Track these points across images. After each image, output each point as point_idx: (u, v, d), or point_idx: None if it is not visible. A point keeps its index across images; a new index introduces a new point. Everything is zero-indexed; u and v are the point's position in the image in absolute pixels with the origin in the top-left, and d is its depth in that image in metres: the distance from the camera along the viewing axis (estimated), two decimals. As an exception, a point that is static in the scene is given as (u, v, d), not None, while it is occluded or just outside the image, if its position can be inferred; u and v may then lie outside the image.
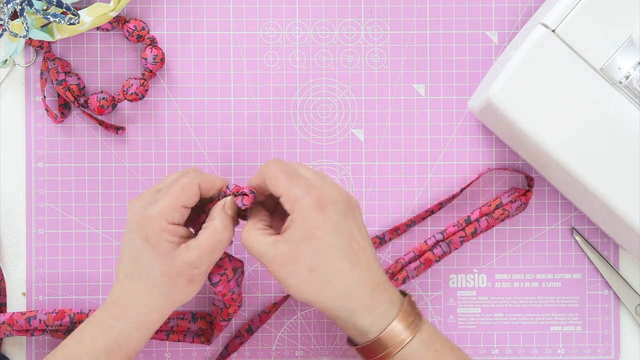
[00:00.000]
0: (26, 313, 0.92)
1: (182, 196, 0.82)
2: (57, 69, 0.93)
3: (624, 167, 0.86)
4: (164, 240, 0.81)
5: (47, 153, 0.95)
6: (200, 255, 0.82)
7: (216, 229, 0.82)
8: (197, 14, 0.95)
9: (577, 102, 0.87)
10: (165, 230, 0.81)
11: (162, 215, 0.81)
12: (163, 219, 0.81)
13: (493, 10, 0.95)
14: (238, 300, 0.89)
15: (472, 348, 0.95)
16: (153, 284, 0.82)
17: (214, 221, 0.82)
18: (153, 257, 0.81)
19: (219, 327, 0.91)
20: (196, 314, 0.93)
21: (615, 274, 0.95)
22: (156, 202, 0.82)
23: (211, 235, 0.82)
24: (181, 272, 0.82)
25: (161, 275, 0.82)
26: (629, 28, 0.86)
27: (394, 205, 0.95)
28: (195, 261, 0.82)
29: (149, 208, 0.82)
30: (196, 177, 0.82)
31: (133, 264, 0.82)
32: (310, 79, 0.95)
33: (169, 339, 0.93)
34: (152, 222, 0.81)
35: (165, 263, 0.81)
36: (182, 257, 0.81)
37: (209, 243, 0.82)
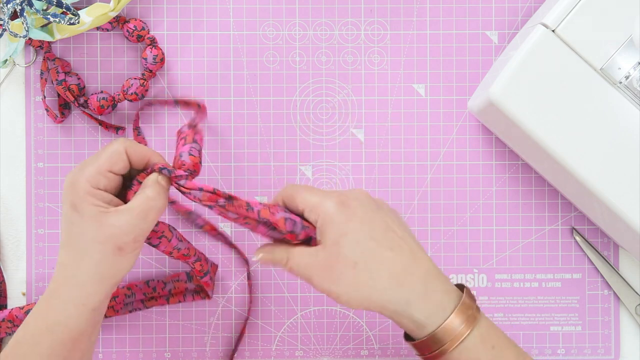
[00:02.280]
0: (24, 307, 0.92)
1: (108, 161, 0.80)
2: (57, 69, 0.93)
3: (624, 167, 0.86)
4: (89, 204, 0.79)
5: (47, 153, 0.95)
6: (130, 220, 0.79)
7: (148, 196, 0.80)
8: (197, 14, 0.95)
9: (577, 102, 0.87)
10: (89, 193, 0.79)
11: (87, 179, 0.79)
12: (87, 184, 0.79)
13: (493, 10, 0.95)
14: (192, 254, 0.89)
15: (472, 348, 0.96)
16: (83, 252, 0.79)
17: (147, 189, 0.80)
18: (81, 223, 0.79)
19: (205, 283, 0.91)
20: (190, 272, 0.93)
21: (615, 274, 0.95)
22: (81, 167, 0.80)
23: (143, 201, 0.80)
24: (110, 237, 0.79)
25: (90, 242, 0.79)
26: (629, 28, 0.86)
27: (394, 205, 0.95)
28: (125, 226, 0.79)
29: (75, 174, 0.80)
30: (124, 144, 0.80)
31: (66, 232, 0.80)
32: (310, 79, 0.95)
33: (169, 303, 0.93)
34: (77, 187, 0.79)
35: (94, 228, 0.79)
36: (111, 221, 0.79)
37: (140, 208, 0.79)
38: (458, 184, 0.95)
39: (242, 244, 0.95)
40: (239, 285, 0.95)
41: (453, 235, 0.95)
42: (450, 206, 0.95)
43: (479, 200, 0.95)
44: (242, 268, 0.95)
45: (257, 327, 0.95)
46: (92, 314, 0.80)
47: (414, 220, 0.95)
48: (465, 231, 0.95)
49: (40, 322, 0.80)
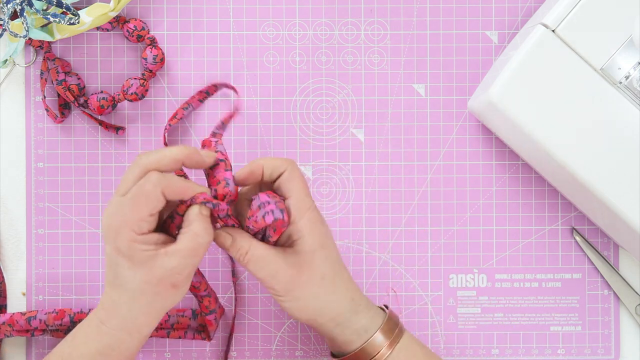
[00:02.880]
0: (26, 313, 0.92)
1: (147, 207, 0.79)
2: (57, 69, 0.93)
3: (624, 167, 0.86)
4: (137, 250, 0.79)
5: (47, 153, 0.95)
6: (181, 260, 0.80)
7: (196, 233, 0.80)
8: (197, 14, 0.95)
9: (577, 102, 0.87)
10: (134, 241, 0.79)
11: (130, 228, 0.79)
12: (130, 231, 0.79)
13: (493, 10, 0.95)
14: (203, 288, 0.89)
15: (472, 348, 0.95)
16: (135, 292, 0.80)
17: (193, 225, 0.80)
18: (131, 268, 0.80)
19: (208, 322, 0.91)
20: (196, 311, 0.93)
21: (615, 274, 0.95)
22: (121, 213, 0.79)
23: (191, 239, 0.80)
24: (163, 278, 0.80)
25: (143, 284, 0.80)
26: (629, 28, 0.86)
27: (394, 205, 0.95)
28: (177, 267, 0.80)
29: (114, 218, 0.79)
30: (159, 184, 0.79)
31: (113, 273, 0.81)
32: (310, 79, 0.95)
33: (169, 337, 0.93)
34: (121, 235, 0.79)
35: (145, 272, 0.79)
36: (162, 264, 0.79)
37: (189, 248, 0.80)
38: (458, 184, 0.95)
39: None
40: (238, 285, 0.95)
41: (453, 235, 0.95)
42: (450, 206, 0.95)
43: (479, 200, 0.95)
44: (242, 268, 0.95)
45: (257, 327, 0.95)
46: (142, 340, 0.83)
47: (414, 220, 0.95)
48: (465, 231, 0.95)
49: (92, 345, 0.82)
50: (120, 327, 0.82)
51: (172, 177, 0.80)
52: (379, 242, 0.95)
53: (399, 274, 0.96)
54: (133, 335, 0.82)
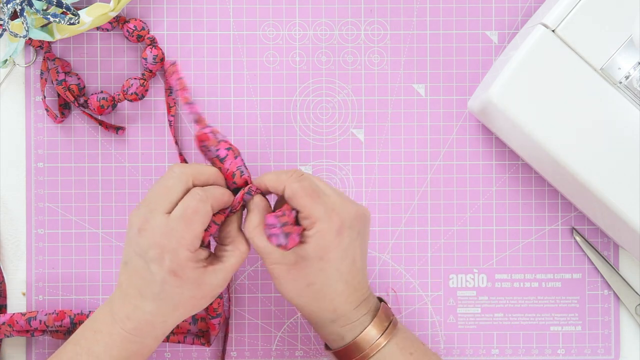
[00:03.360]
0: (26, 314, 0.92)
1: (199, 223, 0.81)
2: (57, 69, 0.93)
3: (624, 167, 0.86)
4: (190, 269, 0.81)
5: (47, 153, 0.95)
6: (226, 276, 0.83)
7: (242, 252, 0.84)
8: (197, 14, 0.95)
9: (577, 102, 0.87)
10: (189, 260, 0.81)
11: (184, 246, 0.80)
12: (186, 251, 0.80)
13: (493, 10, 0.95)
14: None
15: (472, 348, 0.95)
16: (177, 305, 0.82)
17: (237, 243, 0.84)
18: (181, 285, 0.81)
19: (211, 325, 0.91)
20: (196, 315, 0.93)
21: (615, 274, 0.95)
22: (173, 233, 0.80)
23: (239, 258, 0.84)
24: (208, 293, 0.83)
25: (188, 298, 0.82)
26: (629, 28, 0.86)
27: (394, 205, 0.95)
28: (222, 282, 0.83)
29: (167, 239, 0.80)
30: (207, 199, 0.81)
31: (153, 288, 0.81)
32: (310, 79, 0.95)
33: (169, 341, 0.93)
34: (177, 255, 0.80)
35: (194, 288, 0.82)
36: (210, 282, 0.82)
37: (235, 266, 0.83)
38: (458, 184, 0.95)
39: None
40: (238, 285, 0.95)
41: (453, 235, 0.95)
42: (450, 206, 0.95)
43: (479, 200, 0.95)
44: (242, 268, 0.95)
45: (257, 327, 0.95)
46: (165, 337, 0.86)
47: (414, 220, 0.95)
48: (465, 231, 0.95)
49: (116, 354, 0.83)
50: (149, 336, 0.83)
51: (212, 188, 0.83)
52: (379, 242, 0.95)
53: (399, 274, 0.96)
54: (159, 338, 0.84)
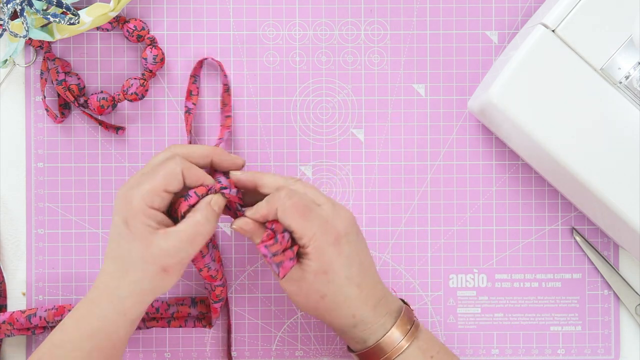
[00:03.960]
0: (26, 311, 0.92)
1: (164, 181, 0.81)
2: (57, 69, 0.93)
3: (624, 167, 0.86)
4: (141, 222, 0.81)
5: (47, 153, 0.95)
6: (177, 244, 0.81)
7: (198, 221, 0.82)
8: (197, 14, 0.95)
9: (577, 102, 0.87)
10: (143, 212, 0.81)
11: (142, 197, 0.81)
12: (142, 202, 0.81)
13: (493, 10, 0.95)
14: (219, 278, 0.90)
15: (472, 348, 0.95)
16: (128, 267, 0.81)
17: (197, 213, 0.82)
18: (131, 240, 0.81)
19: (214, 309, 0.91)
20: (195, 299, 0.93)
21: (615, 274, 0.95)
22: (137, 184, 0.82)
23: (192, 225, 0.82)
24: (156, 258, 0.81)
25: (138, 259, 0.81)
26: (629, 28, 0.86)
27: (394, 205, 0.95)
28: (172, 249, 0.81)
29: (130, 190, 0.82)
30: (180, 165, 0.82)
31: (115, 245, 0.82)
32: (310, 79, 0.95)
33: (170, 326, 0.93)
34: (132, 204, 0.81)
35: (142, 246, 0.81)
36: (159, 243, 0.81)
37: (188, 232, 0.81)
38: (458, 184, 0.95)
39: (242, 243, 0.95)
40: (238, 285, 0.95)
41: (453, 235, 0.95)
42: (450, 206, 0.95)
43: (479, 200, 0.95)
44: (242, 268, 0.95)
45: (257, 327, 0.95)
46: (130, 325, 0.83)
47: (414, 220, 0.95)
48: (465, 231, 0.95)
49: (82, 327, 0.82)
50: (109, 308, 0.82)
51: (195, 167, 0.83)
52: (379, 242, 0.95)
53: (399, 274, 0.96)
54: (121, 318, 0.82)
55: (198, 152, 0.84)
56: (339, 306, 0.84)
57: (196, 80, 0.93)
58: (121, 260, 0.82)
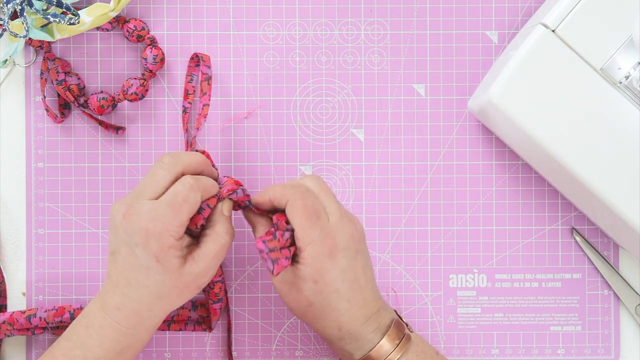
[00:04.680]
0: (26, 311, 0.92)
1: (187, 211, 0.81)
2: (57, 69, 0.93)
3: (624, 167, 0.86)
4: (173, 257, 0.81)
5: (47, 153, 0.95)
6: (207, 264, 0.82)
7: (219, 235, 0.83)
8: (197, 14, 0.95)
9: (577, 102, 0.87)
10: (172, 247, 0.81)
11: (169, 232, 0.80)
12: (170, 237, 0.80)
13: (493, 10, 0.95)
14: (218, 273, 0.90)
15: (472, 348, 0.95)
16: (160, 294, 0.82)
17: (216, 228, 0.83)
18: (163, 273, 0.81)
19: (213, 310, 0.92)
20: (196, 302, 0.93)
21: (615, 274, 0.95)
22: (160, 218, 0.80)
23: (216, 243, 0.82)
24: (190, 283, 0.82)
25: (171, 288, 0.82)
26: (629, 28, 0.86)
27: (394, 205, 0.95)
28: (204, 271, 0.82)
29: (153, 223, 0.80)
30: (198, 188, 0.81)
31: (139, 275, 0.82)
32: (310, 79, 0.95)
33: (170, 329, 0.93)
34: (161, 240, 0.80)
35: (175, 277, 0.81)
36: (191, 270, 0.82)
37: (215, 251, 0.82)
38: (458, 184, 0.95)
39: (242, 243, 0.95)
40: (239, 285, 0.95)
41: (453, 235, 0.95)
42: (450, 206, 0.95)
43: (479, 200, 0.95)
44: (242, 268, 0.95)
45: (257, 327, 0.95)
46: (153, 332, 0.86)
47: (414, 221, 0.95)
48: (465, 231, 0.95)
49: (109, 347, 0.83)
50: (139, 326, 0.83)
51: (203, 178, 0.83)
52: (379, 242, 0.95)
53: (399, 274, 0.96)
54: (149, 331, 0.84)
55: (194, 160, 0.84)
56: (325, 317, 0.84)
57: (192, 79, 0.93)
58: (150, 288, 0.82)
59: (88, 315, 0.84)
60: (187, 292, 0.83)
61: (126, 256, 0.82)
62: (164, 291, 0.82)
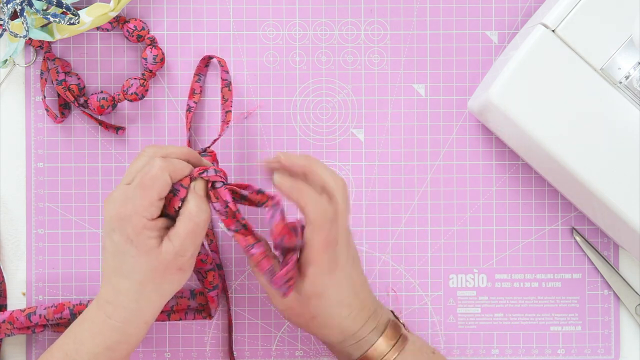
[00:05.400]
0: (26, 310, 0.92)
1: (156, 190, 0.81)
2: (57, 69, 0.93)
3: (624, 167, 0.86)
4: (147, 237, 0.81)
5: (47, 153, 0.95)
6: (182, 243, 0.81)
7: (192, 213, 0.82)
8: (197, 14, 0.95)
9: (577, 102, 0.87)
10: (145, 227, 0.81)
11: (140, 213, 0.80)
12: (142, 217, 0.81)
13: (493, 10, 0.95)
14: (209, 261, 0.90)
15: (472, 348, 0.95)
16: (143, 281, 0.82)
17: (188, 205, 0.82)
18: (139, 255, 0.81)
19: (210, 299, 0.91)
20: (194, 290, 0.93)
21: (615, 274, 0.95)
22: (130, 199, 0.81)
23: (188, 220, 0.82)
24: (169, 264, 0.82)
25: (150, 272, 0.81)
26: (629, 28, 0.86)
27: (394, 205, 0.95)
28: (180, 250, 0.81)
29: (125, 206, 0.81)
30: (166, 168, 0.81)
31: (119, 263, 0.82)
32: (310, 79, 0.95)
33: (170, 319, 0.93)
34: (132, 222, 0.80)
35: (152, 259, 0.81)
36: (166, 250, 0.81)
37: (188, 229, 0.82)
38: (458, 184, 0.95)
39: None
40: (238, 285, 0.95)
41: (453, 235, 0.95)
42: (450, 206, 0.95)
43: (479, 200, 0.95)
44: (242, 268, 0.95)
45: (257, 327, 0.95)
46: (148, 328, 0.85)
47: (414, 220, 0.95)
48: (465, 231, 0.95)
49: (99, 341, 0.83)
50: (127, 320, 0.83)
51: (174, 160, 0.82)
52: (379, 242, 0.95)
53: (399, 274, 0.96)
54: (139, 327, 0.84)
55: (176, 152, 0.84)
56: (328, 325, 0.84)
57: (200, 79, 0.93)
58: (133, 276, 0.82)
59: (85, 311, 0.85)
60: (170, 274, 0.82)
61: (108, 246, 0.82)
62: (145, 276, 0.81)
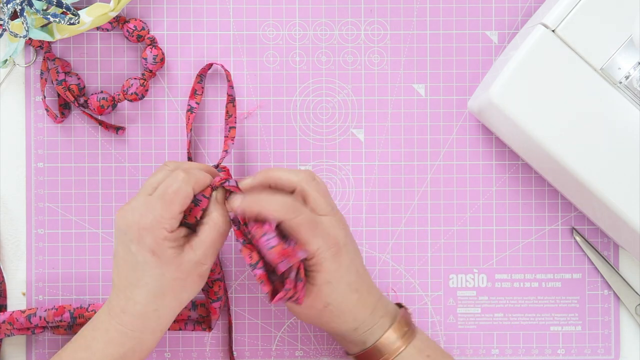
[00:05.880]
0: (26, 311, 0.92)
1: (179, 203, 0.82)
2: (57, 69, 0.93)
3: (624, 167, 0.86)
4: (168, 248, 0.82)
5: (47, 153, 0.95)
6: (205, 251, 0.83)
7: (216, 223, 0.84)
8: (197, 14, 0.95)
9: (577, 102, 0.87)
10: (166, 239, 0.82)
11: (161, 224, 0.81)
12: (163, 229, 0.81)
13: (493, 10, 0.95)
14: (217, 271, 0.91)
15: (472, 348, 0.96)
16: (163, 290, 0.83)
17: (212, 215, 0.84)
18: (160, 266, 0.82)
19: (213, 310, 0.92)
20: (196, 302, 0.94)
21: (615, 274, 0.95)
22: (151, 211, 0.82)
23: (212, 229, 0.83)
24: (190, 272, 0.83)
25: (172, 281, 0.82)
26: (629, 28, 0.86)
27: (394, 205, 0.95)
28: (202, 258, 0.83)
29: (145, 217, 0.82)
30: (189, 181, 0.83)
31: (138, 273, 0.82)
32: (310, 79, 0.95)
33: (169, 329, 0.93)
34: (154, 233, 0.81)
35: (174, 268, 0.82)
36: (189, 258, 0.82)
37: (211, 237, 0.83)
38: (458, 184, 0.95)
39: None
40: (238, 285, 0.95)
41: (453, 235, 0.95)
42: (450, 206, 0.95)
43: (479, 200, 0.95)
44: (242, 268, 0.95)
45: (257, 327, 0.95)
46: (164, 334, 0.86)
47: (414, 220, 0.95)
48: (465, 231, 0.95)
49: (113, 350, 0.83)
50: (144, 328, 0.83)
51: (195, 171, 0.84)
52: (379, 242, 0.95)
53: (399, 274, 0.96)
54: (155, 335, 0.84)
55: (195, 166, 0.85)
56: (342, 312, 0.84)
57: (202, 80, 0.93)
58: (151, 285, 0.82)
59: (96, 319, 0.85)
60: (190, 282, 0.83)
61: (123, 256, 0.83)
62: (166, 285, 0.82)
